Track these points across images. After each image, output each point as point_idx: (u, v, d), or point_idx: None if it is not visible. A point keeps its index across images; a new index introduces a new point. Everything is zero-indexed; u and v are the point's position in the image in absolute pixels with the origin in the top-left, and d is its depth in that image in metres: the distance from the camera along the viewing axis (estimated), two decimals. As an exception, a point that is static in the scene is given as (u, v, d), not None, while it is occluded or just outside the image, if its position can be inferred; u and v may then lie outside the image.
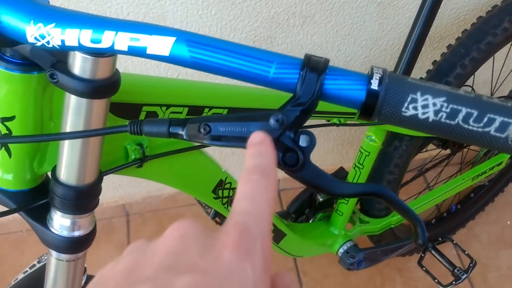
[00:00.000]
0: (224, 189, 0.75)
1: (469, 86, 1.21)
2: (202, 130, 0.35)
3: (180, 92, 0.62)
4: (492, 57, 1.05)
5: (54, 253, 0.56)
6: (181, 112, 0.62)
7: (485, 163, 1.25)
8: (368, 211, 1.15)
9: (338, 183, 0.36)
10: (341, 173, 1.09)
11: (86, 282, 0.81)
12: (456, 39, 1.03)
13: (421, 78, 1.04)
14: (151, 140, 0.61)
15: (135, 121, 0.38)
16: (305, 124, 0.51)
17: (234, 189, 0.77)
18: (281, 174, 1.28)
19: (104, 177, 0.55)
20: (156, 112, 0.60)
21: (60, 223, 0.53)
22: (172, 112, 0.61)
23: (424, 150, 1.26)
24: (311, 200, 1.09)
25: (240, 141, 0.35)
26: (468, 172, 1.23)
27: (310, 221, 1.12)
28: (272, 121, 0.35)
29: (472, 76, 1.06)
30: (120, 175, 0.63)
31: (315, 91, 0.35)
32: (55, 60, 0.45)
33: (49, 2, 0.47)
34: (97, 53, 0.43)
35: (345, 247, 1.09)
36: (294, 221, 1.10)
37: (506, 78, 1.37)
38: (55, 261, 0.56)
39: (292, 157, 0.35)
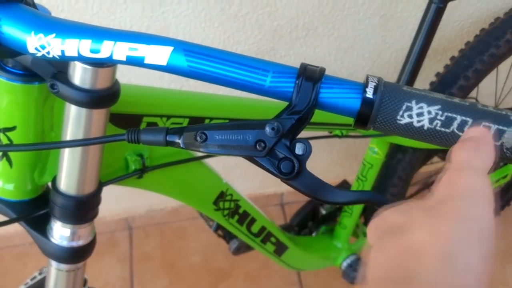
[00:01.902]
0: (225, 201, 0.75)
1: (473, 98, 1.20)
2: (198, 138, 0.35)
3: (180, 102, 0.62)
4: (496, 68, 1.05)
5: (54, 263, 0.56)
6: (181, 123, 0.62)
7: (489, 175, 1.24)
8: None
9: (335, 191, 0.36)
10: (344, 186, 1.09)
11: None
12: (459, 51, 1.03)
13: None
14: (152, 151, 0.61)
15: (133, 130, 0.39)
16: (307, 136, 0.50)
17: (235, 200, 0.77)
18: (285, 187, 1.28)
19: (106, 190, 0.56)
20: (157, 122, 0.60)
21: (60, 233, 0.53)
22: (172, 123, 0.61)
23: (429, 162, 1.26)
24: (314, 213, 1.09)
25: (236, 149, 0.35)
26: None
27: (313, 234, 1.11)
28: (267, 129, 0.35)
29: (476, 88, 1.06)
30: (122, 188, 0.64)
31: (311, 99, 0.35)
32: (55, 71, 0.45)
33: (50, 14, 0.47)
34: (96, 64, 0.43)
35: (348, 261, 1.08)
36: (297, 234, 1.09)
37: (510, 90, 1.36)
38: (55, 271, 0.56)
39: (287, 165, 0.35)
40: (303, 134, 0.82)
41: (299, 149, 0.36)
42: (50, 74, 0.45)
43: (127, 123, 0.58)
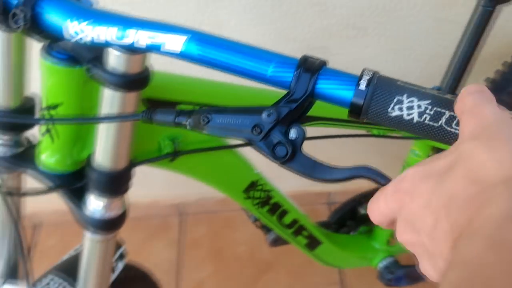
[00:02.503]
0: (256, 191, 0.78)
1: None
2: (202, 120, 0.39)
3: (215, 93, 0.66)
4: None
5: (87, 233, 0.61)
6: (214, 112, 0.66)
7: None
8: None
9: (331, 169, 0.38)
10: (385, 187, 1.09)
11: (124, 270, 0.87)
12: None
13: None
14: (185, 137, 0.66)
15: (148, 110, 0.42)
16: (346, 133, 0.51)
17: (266, 191, 0.80)
18: (333, 187, 1.28)
19: (161, 176, 0.60)
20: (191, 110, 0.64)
21: (94, 205, 0.59)
22: (205, 111, 0.65)
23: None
24: (353, 212, 1.09)
25: (234, 132, 0.38)
26: None
27: (352, 233, 1.12)
28: (264, 115, 0.37)
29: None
30: (175, 175, 0.68)
31: (308, 89, 0.37)
32: (92, 56, 0.50)
33: (92, 4, 0.52)
34: (127, 51, 0.48)
35: (385, 262, 1.07)
36: (335, 232, 1.10)
37: None
38: (88, 241, 0.62)
39: (281, 150, 0.38)
40: (342, 131, 0.83)
41: (293, 133, 0.38)
42: (87, 59, 0.50)
43: (160, 107, 0.62)
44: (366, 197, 1.09)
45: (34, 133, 0.63)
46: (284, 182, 1.46)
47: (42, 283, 0.75)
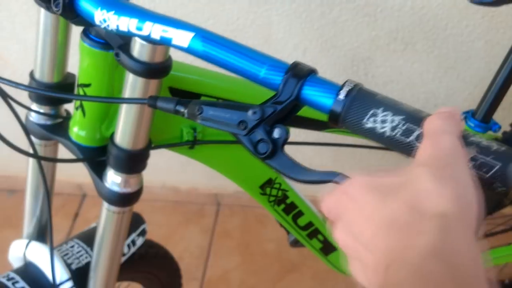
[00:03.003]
0: (273, 188, 0.81)
1: None
2: (196, 111, 0.42)
3: (238, 89, 0.69)
4: None
5: (105, 204, 0.67)
6: (236, 107, 0.69)
7: None
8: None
9: (305, 171, 0.41)
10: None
11: (146, 246, 0.93)
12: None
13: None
14: (205, 127, 0.70)
15: (153, 96, 0.47)
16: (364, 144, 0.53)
17: (283, 190, 0.82)
18: None
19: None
20: (214, 103, 0.68)
21: (112, 179, 0.64)
22: (228, 106, 0.69)
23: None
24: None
25: (222, 125, 0.42)
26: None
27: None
28: (250, 112, 0.40)
29: None
30: None
31: (293, 93, 0.40)
32: (122, 43, 0.55)
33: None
34: (151, 41, 0.52)
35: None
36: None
37: None
38: (105, 211, 0.67)
39: (263, 146, 0.41)
40: (361, 141, 0.84)
41: (276, 133, 0.41)
42: (117, 45, 0.55)
43: (185, 98, 0.66)
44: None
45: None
46: (321, 186, 1.47)
47: (67, 245, 0.82)
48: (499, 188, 0.35)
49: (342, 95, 0.38)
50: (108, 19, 0.48)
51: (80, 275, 0.77)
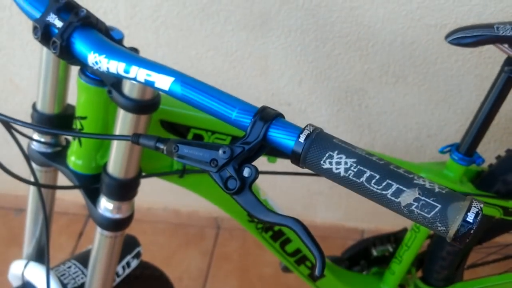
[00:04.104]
0: (261, 215, 0.85)
1: None
2: (173, 149, 0.47)
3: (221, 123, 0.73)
4: None
5: (99, 229, 0.71)
6: (224, 139, 0.74)
7: None
8: (427, 279, 1.14)
9: (266, 212, 0.44)
10: (401, 233, 1.11)
11: (141, 268, 0.96)
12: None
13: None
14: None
15: (136, 134, 0.51)
16: None
17: (271, 217, 0.86)
18: (366, 225, 1.29)
19: None
20: (203, 135, 0.73)
21: (105, 205, 0.68)
22: (216, 138, 0.73)
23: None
24: (367, 252, 1.13)
25: (196, 162, 0.46)
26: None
27: (364, 273, 1.14)
28: (220, 151, 0.45)
29: None
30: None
31: (260, 134, 0.44)
32: (115, 81, 0.60)
33: (123, 36, 0.62)
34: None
35: (391, 306, 1.09)
36: (347, 269, 1.13)
37: None
38: (99, 236, 0.71)
39: (232, 183, 0.45)
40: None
41: (246, 172, 0.45)
42: (110, 82, 0.60)
43: (176, 131, 0.71)
44: (380, 239, 1.12)
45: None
46: (318, 212, 1.51)
47: (65, 266, 0.86)
48: (439, 227, 0.39)
49: (302, 138, 0.42)
50: (100, 62, 0.53)
51: (75, 295, 0.81)
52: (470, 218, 0.38)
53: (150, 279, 1.03)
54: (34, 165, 0.74)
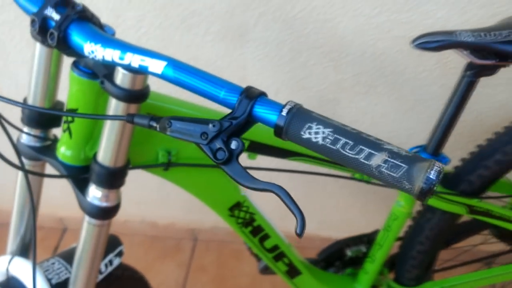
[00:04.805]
0: (241, 211, 0.89)
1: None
2: (166, 124, 0.51)
3: (202, 115, 0.78)
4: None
5: (86, 217, 0.73)
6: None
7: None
8: (399, 279, 1.19)
9: (252, 179, 0.49)
10: (374, 234, 1.16)
11: (122, 269, 0.98)
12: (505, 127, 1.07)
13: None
14: (179, 151, 0.78)
15: (131, 114, 0.55)
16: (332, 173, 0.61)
17: (251, 213, 0.90)
18: (341, 235, 1.32)
19: (180, 201, 0.72)
20: (187, 130, 0.77)
21: (94, 194, 0.71)
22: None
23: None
24: (341, 253, 1.17)
25: (188, 136, 0.50)
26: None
27: (339, 274, 1.19)
28: (210, 125, 0.49)
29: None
30: (193, 201, 0.79)
31: (246, 110, 0.49)
32: (106, 72, 0.64)
33: (114, 32, 0.67)
34: (132, 71, 0.61)
35: (365, 305, 1.13)
36: (323, 269, 1.18)
37: None
38: (86, 224, 0.74)
39: (221, 154, 0.49)
40: (327, 170, 0.92)
41: (233, 144, 0.49)
42: (102, 74, 0.64)
43: (162, 124, 0.75)
44: (354, 240, 1.16)
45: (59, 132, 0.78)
46: (291, 224, 1.53)
47: (48, 262, 0.88)
48: (406, 186, 0.44)
49: (284, 112, 0.47)
50: (96, 51, 0.57)
51: (59, 290, 0.82)
52: (433, 176, 0.43)
53: (131, 281, 1.05)
54: (23, 159, 0.77)
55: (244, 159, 0.85)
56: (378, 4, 1.07)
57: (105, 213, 0.72)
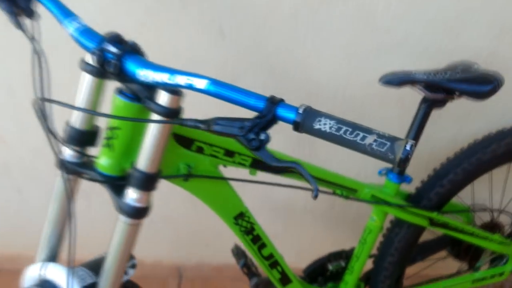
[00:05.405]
0: (243, 220, 1.05)
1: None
2: (212, 123, 0.68)
3: (223, 139, 0.95)
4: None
5: (121, 217, 0.88)
6: (219, 152, 0.95)
7: (487, 270, 1.41)
8: (373, 291, 1.35)
9: (275, 160, 0.66)
10: (351, 251, 1.33)
11: (130, 282, 1.10)
12: (455, 153, 1.29)
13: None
14: (197, 165, 0.94)
15: (180, 118, 0.72)
16: (321, 189, 0.80)
17: (251, 223, 1.06)
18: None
19: (167, 238, 0.86)
20: (203, 147, 0.94)
21: (131, 196, 0.86)
22: (213, 150, 0.95)
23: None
24: (323, 268, 1.33)
25: (229, 129, 0.67)
26: (469, 275, 1.40)
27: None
28: (246, 122, 0.67)
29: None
30: (179, 237, 0.92)
31: (271, 111, 0.67)
32: (148, 95, 0.81)
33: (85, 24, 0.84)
34: (170, 91, 0.79)
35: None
36: (309, 283, 1.32)
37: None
38: (120, 224, 0.88)
39: (254, 142, 0.67)
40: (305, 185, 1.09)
41: (262, 136, 0.67)
42: (144, 96, 0.81)
43: (183, 142, 0.92)
44: (334, 255, 1.33)
45: (95, 150, 0.93)
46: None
47: (75, 270, 1.00)
48: (390, 156, 0.62)
49: (300, 110, 0.66)
50: (148, 75, 0.75)
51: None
52: (408, 147, 0.61)
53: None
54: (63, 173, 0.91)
55: (245, 174, 1.02)
56: (349, 52, 1.31)
57: (139, 213, 0.87)
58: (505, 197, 1.56)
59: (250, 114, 0.69)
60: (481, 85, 1.06)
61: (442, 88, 1.07)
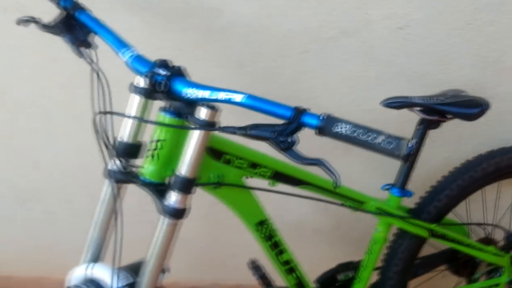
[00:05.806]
0: (264, 227, 1.18)
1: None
2: (248, 129, 0.83)
3: (247, 153, 1.10)
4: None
5: (162, 218, 1.01)
6: (244, 164, 1.10)
7: (484, 281, 1.53)
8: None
9: (302, 157, 0.81)
10: (358, 262, 1.45)
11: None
12: (449, 171, 1.44)
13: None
14: (227, 175, 1.09)
15: (220, 126, 0.87)
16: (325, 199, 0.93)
17: (271, 230, 1.19)
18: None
19: (183, 258, 1.01)
20: (230, 159, 1.08)
21: (173, 198, 1.00)
22: (239, 162, 1.09)
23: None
24: (334, 278, 1.45)
25: (263, 132, 0.82)
26: (466, 286, 1.52)
27: (332, 298, 1.45)
28: (276, 127, 0.82)
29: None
30: (194, 260, 1.02)
31: (297, 119, 0.82)
32: (189, 112, 0.97)
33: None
34: (209, 107, 0.94)
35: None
36: (320, 293, 1.44)
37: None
38: (161, 224, 1.01)
39: (283, 144, 0.81)
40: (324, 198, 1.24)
41: (291, 139, 0.82)
42: (185, 112, 0.96)
43: (214, 154, 1.06)
44: (343, 266, 1.45)
45: (139, 161, 1.07)
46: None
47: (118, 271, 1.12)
48: (396, 152, 0.77)
49: (322, 117, 0.81)
50: (192, 93, 0.91)
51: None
52: (411, 145, 0.76)
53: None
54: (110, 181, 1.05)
55: (265, 185, 1.16)
56: (352, 84, 1.47)
57: (180, 213, 1.01)
58: (497, 212, 1.70)
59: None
60: (471, 108, 1.22)
61: (437, 111, 1.23)
